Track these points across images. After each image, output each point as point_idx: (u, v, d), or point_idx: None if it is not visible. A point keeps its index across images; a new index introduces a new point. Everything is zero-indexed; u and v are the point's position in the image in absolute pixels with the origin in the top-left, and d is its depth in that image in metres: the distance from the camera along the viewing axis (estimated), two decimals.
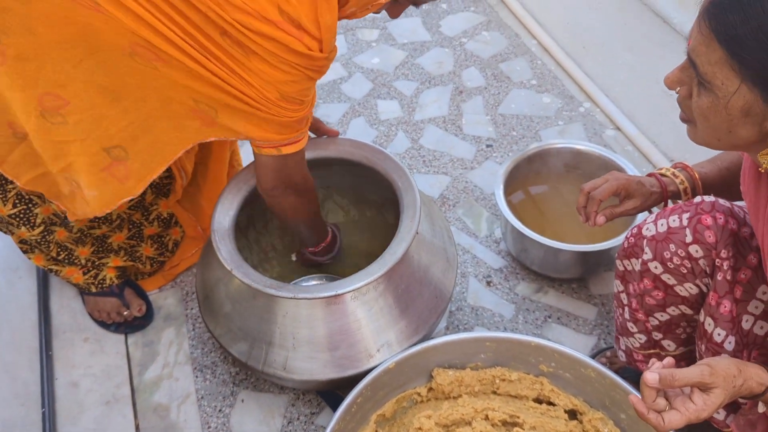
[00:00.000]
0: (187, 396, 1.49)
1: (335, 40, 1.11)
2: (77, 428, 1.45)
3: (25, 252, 1.49)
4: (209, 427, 1.44)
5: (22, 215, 1.37)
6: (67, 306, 1.66)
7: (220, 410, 1.47)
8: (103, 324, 1.60)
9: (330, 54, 1.10)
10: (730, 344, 1.04)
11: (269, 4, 0.99)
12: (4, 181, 1.31)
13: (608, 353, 1.49)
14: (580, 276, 1.64)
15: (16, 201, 1.35)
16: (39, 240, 1.44)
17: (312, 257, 1.51)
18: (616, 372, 1.29)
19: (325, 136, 1.47)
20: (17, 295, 1.67)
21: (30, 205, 1.37)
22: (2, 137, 1.19)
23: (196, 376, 1.52)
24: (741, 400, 1.04)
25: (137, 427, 1.45)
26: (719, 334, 1.04)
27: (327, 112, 2.12)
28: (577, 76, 2.17)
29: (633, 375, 1.41)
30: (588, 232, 1.64)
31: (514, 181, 1.72)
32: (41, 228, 1.40)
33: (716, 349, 1.05)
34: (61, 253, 1.48)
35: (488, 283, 1.67)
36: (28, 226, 1.40)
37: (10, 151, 1.22)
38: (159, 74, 1.07)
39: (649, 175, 1.24)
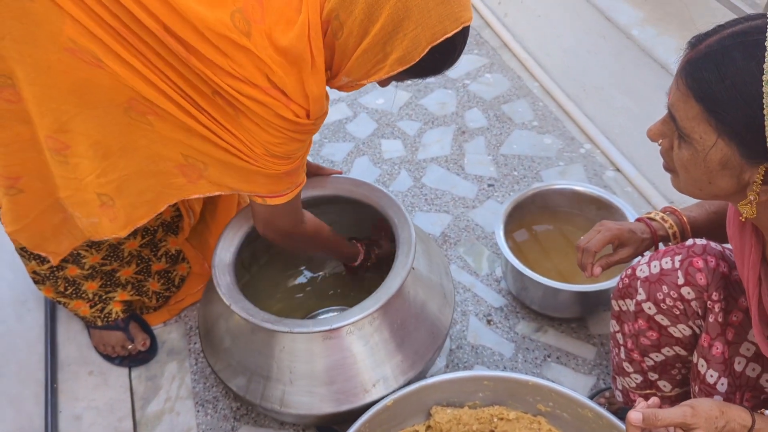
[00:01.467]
0: (189, 430, 1.51)
1: (325, 107, 1.14)
2: None
3: (36, 282, 1.52)
4: None
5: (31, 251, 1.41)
6: (73, 339, 1.68)
7: None
8: (107, 357, 1.63)
9: (317, 120, 1.14)
10: (722, 386, 1.05)
11: (257, 71, 1.03)
12: None
13: (607, 393, 1.49)
14: (580, 315, 1.65)
15: None
16: (47, 274, 1.47)
17: (356, 270, 1.59)
18: (615, 412, 1.30)
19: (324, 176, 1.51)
20: (25, 328, 1.70)
21: None
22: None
23: (198, 411, 1.54)
24: None
25: None
26: (712, 376, 1.05)
27: (332, 151, 2.17)
28: (577, 117, 2.21)
29: None
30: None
31: (517, 220, 1.75)
32: (49, 263, 1.44)
33: (709, 390, 1.06)
34: (69, 288, 1.52)
35: (488, 321, 1.68)
36: (37, 261, 1.44)
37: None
38: (151, 129, 1.11)
39: (638, 220, 1.27)
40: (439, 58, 1.08)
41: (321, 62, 1.06)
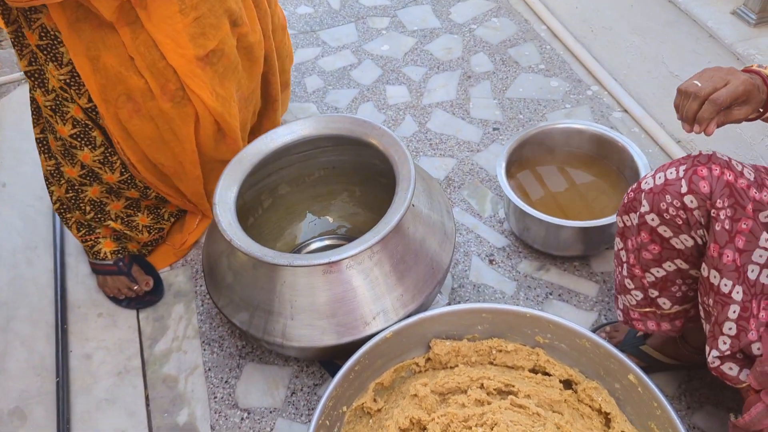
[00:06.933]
0: (195, 368, 1.54)
1: None
2: (90, 398, 1.50)
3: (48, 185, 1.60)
4: (215, 398, 1.48)
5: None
6: (82, 283, 1.72)
7: (226, 381, 1.51)
8: (115, 300, 1.66)
9: None
10: (738, 294, 1.03)
11: None
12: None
13: (608, 328, 1.50)
14: (582, 254, 1.64)
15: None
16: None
17: None
18: (615, 347, 1.30)
19: (322, 114, 1.51)
20: (36, 273, 1.73)
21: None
22: None
23: (204, 349, 1.57)
24: (756, 351, 1.04)
25: (147, 397, 1.50)
26: (726, 285, 1.03)
27: (336, 98, 2.16)
28: (585, 59, 2.17)
29: (630, 349, 1.42)
30: (593, 211, 1.65)
31: (521, 162, 1.73)
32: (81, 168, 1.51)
33: (724, 301, 1.04)
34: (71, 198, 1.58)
35: (491, 261, 1.69)
36: (87, 148, 1.48)
37: None
38: None
39: (748, 71, 1.09)
40: None
41: None
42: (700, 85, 1.03)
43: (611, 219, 1.51)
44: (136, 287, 1.64)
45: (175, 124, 1.45)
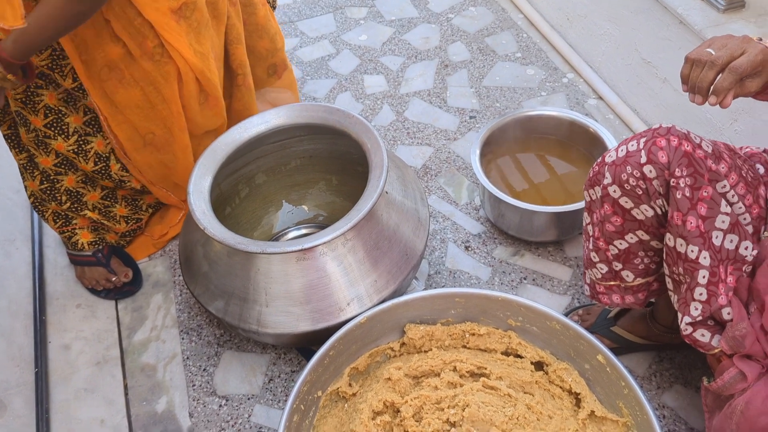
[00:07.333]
0: (174, 356, 1.55)
1: None
2: (68, 388, 1.51)
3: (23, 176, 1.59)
4: (194, 385, 1.50)
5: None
6: (60, 274, 1.72)
7: (204, 369, 1.52)
8: (94, 291, 1.67)
9: None
10: (705, 259, 1.05)
11: None
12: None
13: (580, 311, 1.53)
14: (556, 239, 1.67)
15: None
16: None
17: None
18: (587, 329, 1.33)
19: (296, 104, 1.52)
20: (14, 265, 1.74)
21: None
22: None
23: (182, 338, 1.58)
24: (726, 317, 1.07)
25: (126, 386, 1.51)
26: (693, 251, 1.05)
27: (314, 88, 2.17)
28: (561, 47, 2.19)
29: (602, 330, 1.45)
30: (570, 196, 1.67)
31: (497, 149, 1.75)
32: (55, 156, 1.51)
33: (694, 267, 1.06)
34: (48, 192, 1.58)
35: (466, 248, 1.71)
36: (61, 137, 1.48)
37: None
38: None
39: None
40: None
41: None
42: (714, 53, 0.98)
43: (583, 203, 1.53)
44: (114, 278, 1.64)
45: (159, 84, 1.46)
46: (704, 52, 0.99)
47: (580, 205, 1.53)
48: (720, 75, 0.98)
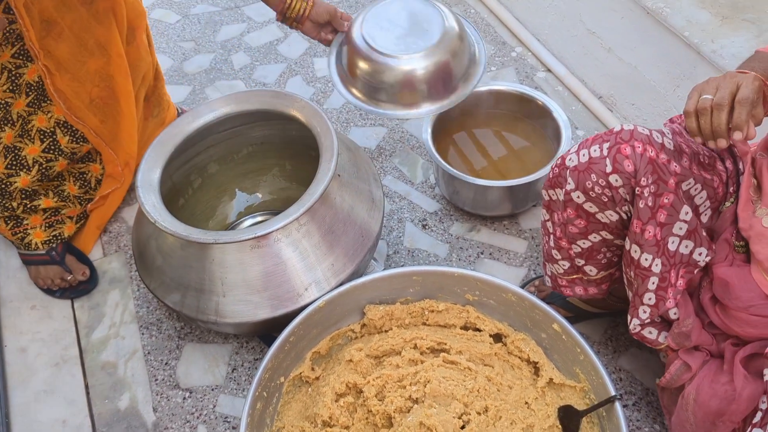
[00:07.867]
0: (134, 352, 1.54)
1: None
2: (28, 390, 1.49)
3: None
4: (156, 380, 1.49)
5: None
6: (13, 277, 1.68)
7: (166, 363, 1.51)
8: (48, 291, 1.64)
9: None
10: (657, 266, 1.08)
11: None
12: None
13: (536, 282, 1.55)
14: (511, 212, 1.69)
15: None
16: None
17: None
18: (544, 299, 1.35)
19: (247, 90, 1.50)
20: None
21: None
22: None
23: (142, 333, 1.56)
24: (673, 316, 1.11)
25: (86, 385, 1.49)
26: (646, 259, 1.08)
27: (264, 74, 2.14)
28: (508, 21, 2.20)
29: (558, 301, 1.48)
30: (525, 168, 1.68)
31: (453, 123, 1.75)
32: None
33: (644, 273, 1.09)
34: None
35: (424, 226, 1.72)
36: (8, 127, 1.46)
37: None
38: None
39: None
40: None
41: None
42: (714, 97, 0.97)
43: (535, 176, 1.56)
44: (70, 277, 1.61)
45: (97, 31, 1.46)
46: (703, 100, 0.98)
47: (532, 177, 1.56)
48: (732, 113, 0.96)
